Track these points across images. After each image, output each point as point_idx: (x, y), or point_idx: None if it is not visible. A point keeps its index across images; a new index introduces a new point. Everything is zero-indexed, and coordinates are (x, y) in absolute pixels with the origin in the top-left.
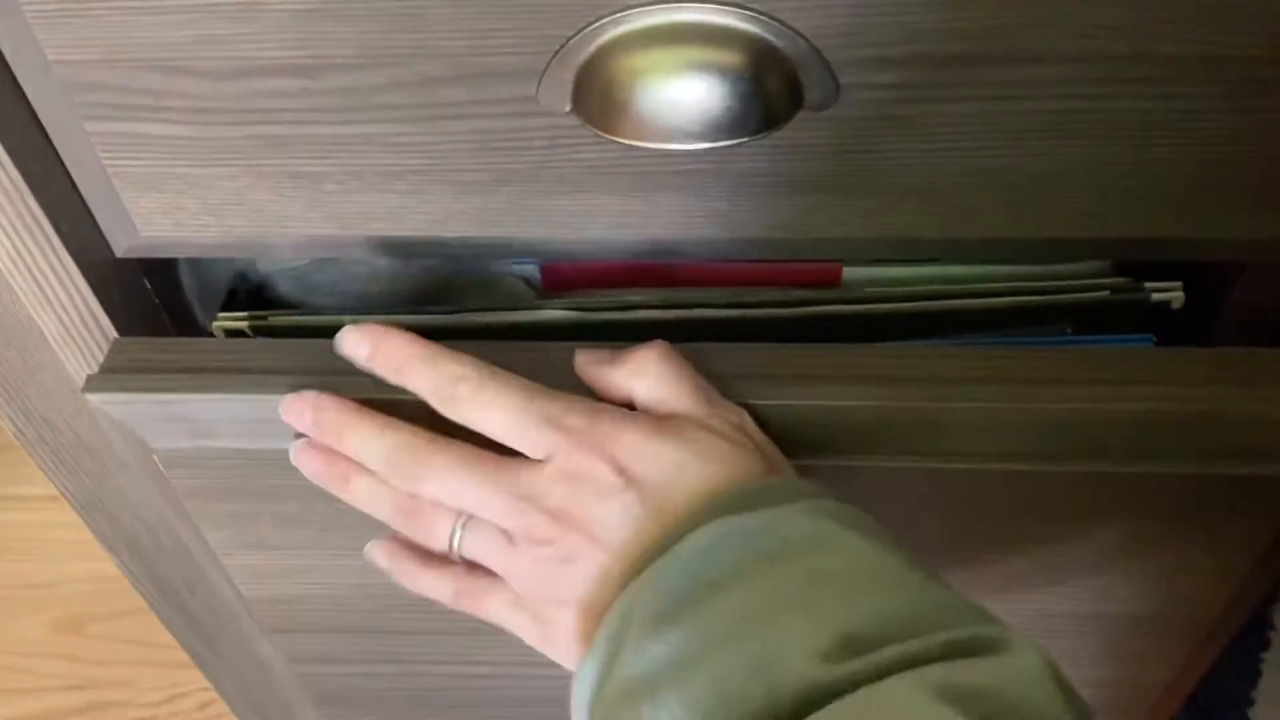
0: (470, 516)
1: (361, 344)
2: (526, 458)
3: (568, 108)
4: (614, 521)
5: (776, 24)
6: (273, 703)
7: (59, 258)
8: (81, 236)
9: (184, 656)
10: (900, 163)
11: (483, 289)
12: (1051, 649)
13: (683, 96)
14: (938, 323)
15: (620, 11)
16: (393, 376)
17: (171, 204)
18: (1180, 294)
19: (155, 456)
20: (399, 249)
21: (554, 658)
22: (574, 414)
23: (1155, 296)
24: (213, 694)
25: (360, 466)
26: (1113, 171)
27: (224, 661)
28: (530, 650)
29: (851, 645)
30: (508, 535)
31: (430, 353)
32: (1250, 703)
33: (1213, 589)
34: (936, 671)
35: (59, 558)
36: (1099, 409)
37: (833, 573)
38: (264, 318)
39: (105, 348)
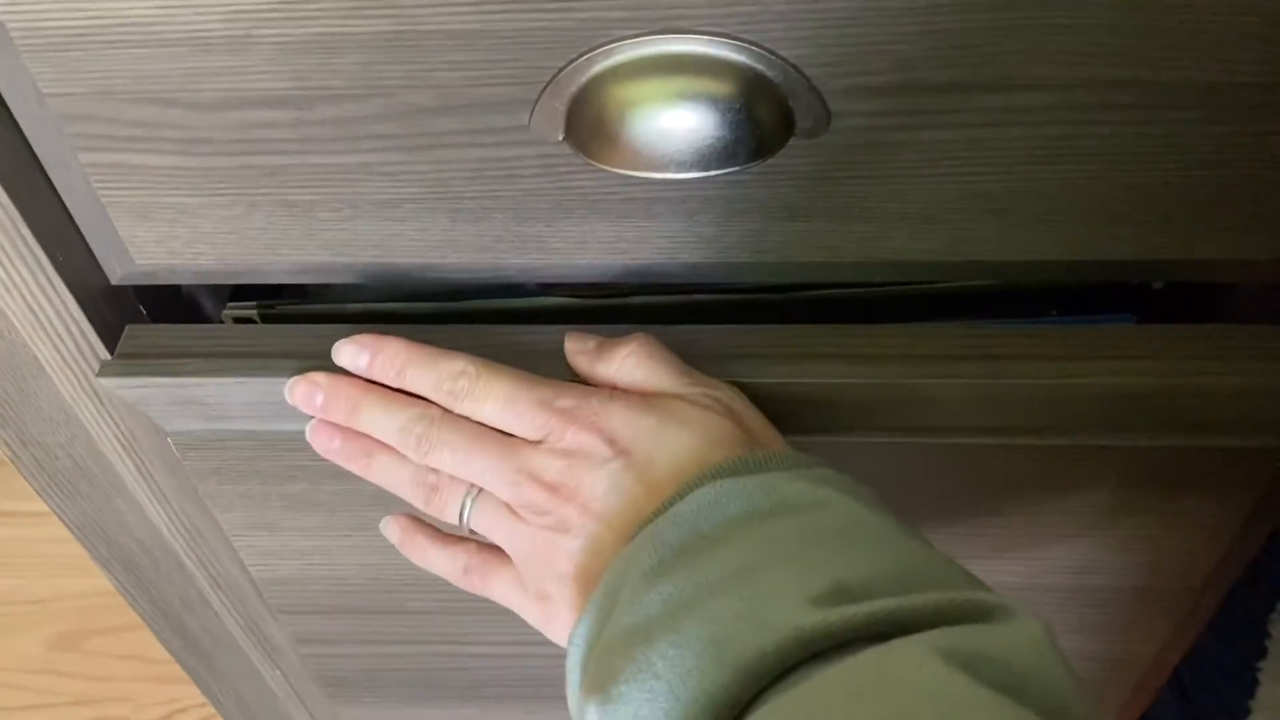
0: (480, 491)
1: (360, 353)
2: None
3: (560, 137)
4: (603, 490)
5: (766, 54)
6: (270, 717)
7: (54, 286)
8: (76, 265)
9: (183, 671)
10: (892, 188)
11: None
12: None
13: (674, 126)
14: (924, 307)
15: (611, 43)
16: (394, 380)
17: (166, 232)
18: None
19: (170, 440)
20: (393, 275)
21: (555, 639)
22: (565, 396)
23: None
24: (211, 709)
25: (379, 442)
26: (1104, 195)
27: (221, 678)
28: (536, 631)
29: (842, 593)
30: (511, 509)
31: (428, 353)
32: (1247, 712)
33: (1194, 560)
34: (944, 636)
35: (57, 573)
36: (1079, 384)
37: (828, 529)
38: (272, 306)
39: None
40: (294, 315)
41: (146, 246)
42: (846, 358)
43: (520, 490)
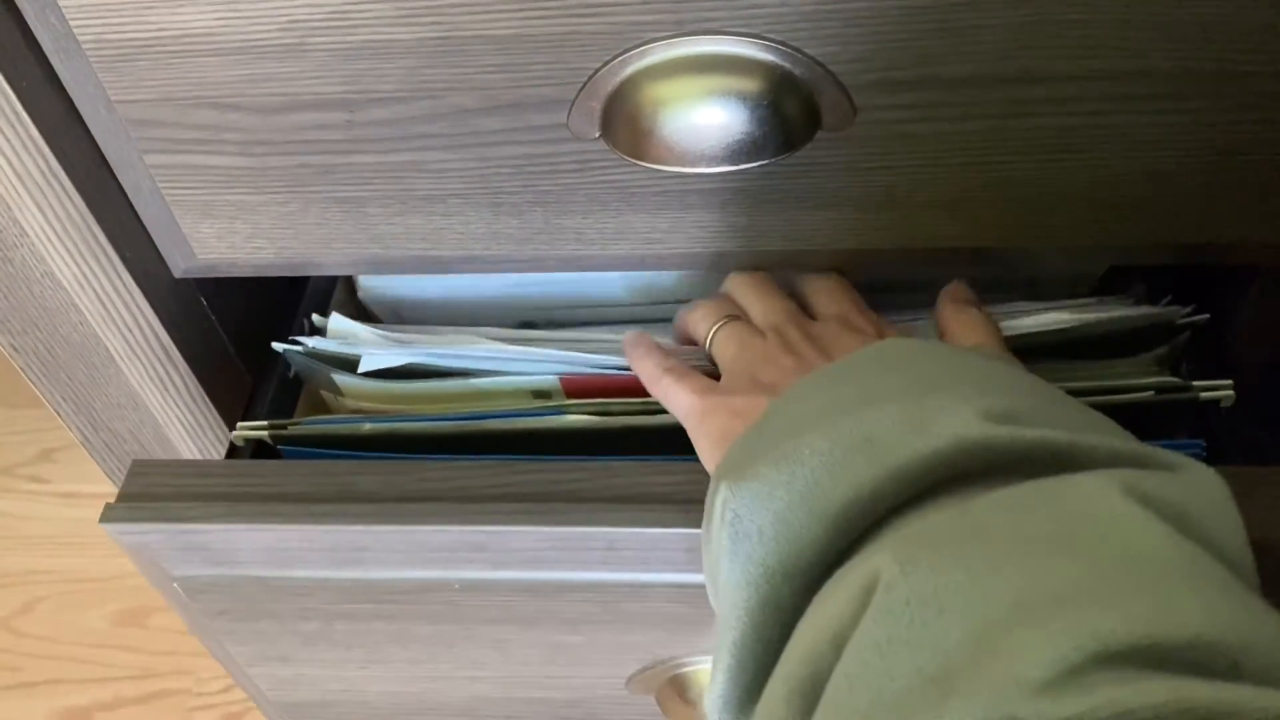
0: (730, 320)
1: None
2: None
3: (596, 134)
4: (852, 348)
5: (793, 52)
6: None
7: (122, 280)
8: (142, 260)
9: None
10: (917, 177)
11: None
12: None
13: (704, 123)
14: None
15: (644, 45)
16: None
17: (225, 228)
18: (1230, 393)
19: (176, 584)
20: (439, 266)
21: (702, 439)
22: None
23: (1204, 396)
24: None
25: None
26: (1123, 181)
27: None
28: None
29: (1015, 418)
30: (759, 331)
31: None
32: None
33: None
34: (1126, 474)
35: (119, 552)
36: None
37: (1006, 373)
38: (284, 426)
39: (165, 363)
40: (306, 436)
41: (208, 242)
42: None
43: (784, 324)
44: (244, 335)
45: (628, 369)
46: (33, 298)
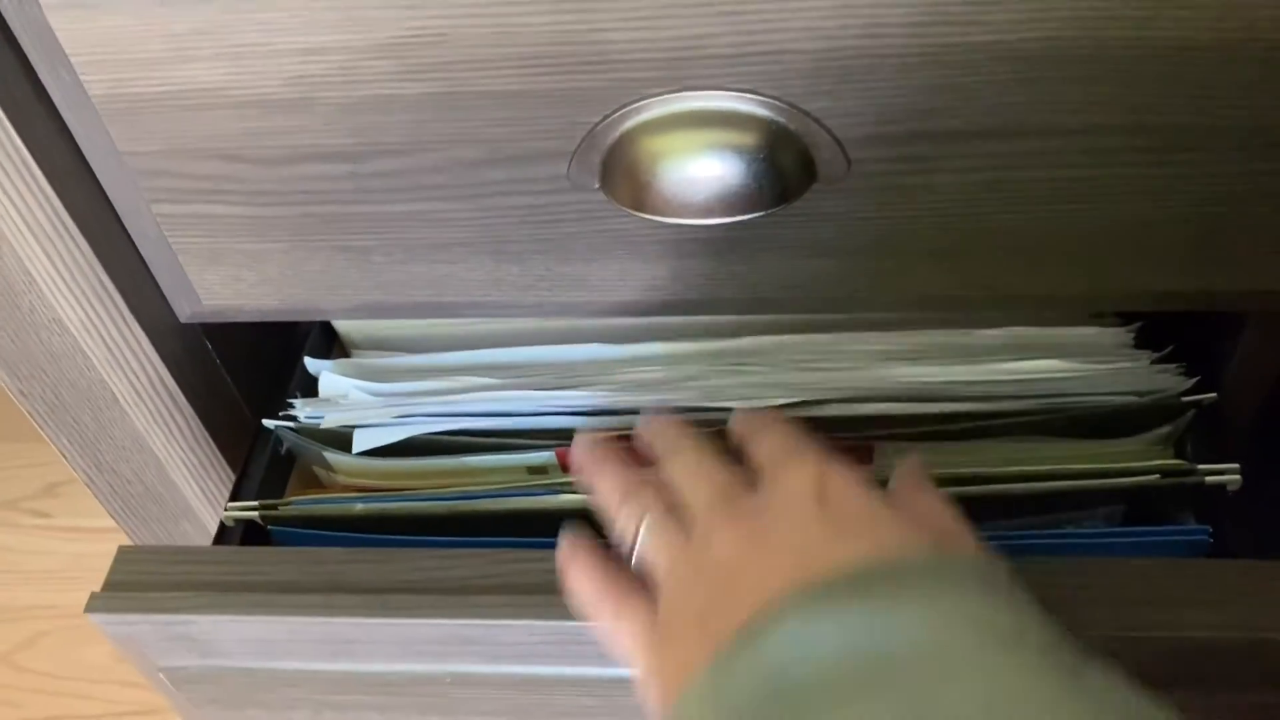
0: (659, 517)
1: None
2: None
3: (597, 185)
4: (795, 534)
5: (788, 107)
6: None
7: (128, 325)
8: (148, 306)
9: None
10: (913, 228)
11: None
12: None
13: (701, 175)
14: (981, 506)
15: (642, 100)
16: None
17: (231, 275)
18: (1236, 477)
19: (162, 674)
20: (442, 311)
21: (652, 694)
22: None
23: (1209, 480)
24: None
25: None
26: (1116, 231)
27: None
28: None
29: None
30: (687, 533)
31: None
32: None
33: None
34: None
35: None
36: (1152, 637)
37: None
38: (274, 506)
39: (170, 406)
40: (297, 517)
41: (213, 288)
42: None
43: (714, 513)
44: (249, 377)
45: (628, 424)
46: (40, 343)
